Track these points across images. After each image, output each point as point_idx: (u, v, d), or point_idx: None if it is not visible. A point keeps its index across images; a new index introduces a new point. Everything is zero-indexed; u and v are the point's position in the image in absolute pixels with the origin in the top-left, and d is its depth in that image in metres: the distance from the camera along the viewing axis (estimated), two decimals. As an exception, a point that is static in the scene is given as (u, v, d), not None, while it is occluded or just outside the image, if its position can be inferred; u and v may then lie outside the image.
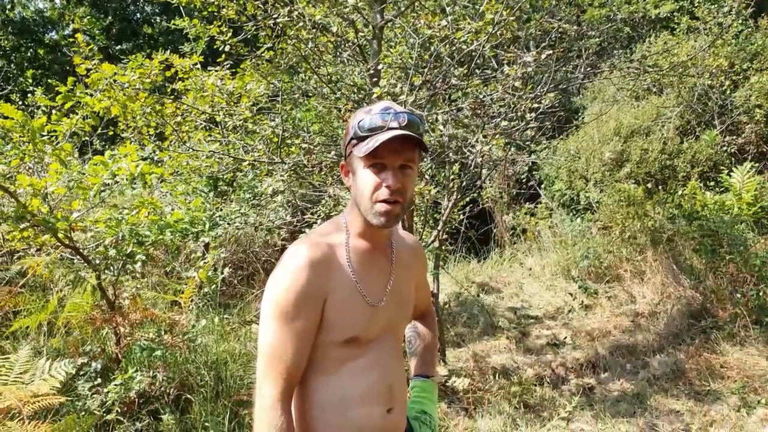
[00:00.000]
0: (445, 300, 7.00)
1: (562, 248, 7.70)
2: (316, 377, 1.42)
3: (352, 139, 1.43)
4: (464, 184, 4.49)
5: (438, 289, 4.86)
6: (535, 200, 9.56)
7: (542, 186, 9.56)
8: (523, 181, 9.66)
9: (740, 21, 8.34)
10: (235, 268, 6.28)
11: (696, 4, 9.07)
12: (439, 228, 4.73)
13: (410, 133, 1.36)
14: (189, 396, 3.33)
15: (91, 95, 3.32)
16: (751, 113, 8.44)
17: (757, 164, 8.03)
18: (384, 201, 1.38)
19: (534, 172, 9.64)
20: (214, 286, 4.48)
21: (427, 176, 6.16)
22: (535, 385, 4.67)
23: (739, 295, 5.31)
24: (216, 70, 3.91)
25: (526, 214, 9.19)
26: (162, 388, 3.23)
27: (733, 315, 5.17)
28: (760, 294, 5.23)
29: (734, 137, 8.53)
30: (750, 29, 9.00)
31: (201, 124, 4.34)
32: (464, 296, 7.13)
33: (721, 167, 8.02)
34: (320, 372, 1.42)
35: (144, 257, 3.18)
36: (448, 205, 4.75)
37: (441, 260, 8.67)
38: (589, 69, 5.02)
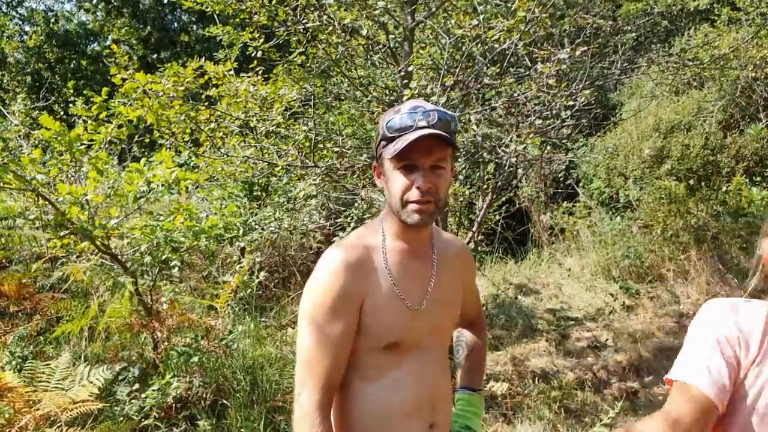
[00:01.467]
0: (482, 302, 6.90)
1: (602, 248, 7.51)
2: (357, 384, 1.40)
3: (381, 140, 1.40)
4: (499, 184, 4.41)
5: (474, 292, 4.78)
6: (573, 199, 9.36)
7: (580, 184, 9.37)
8: (561, 179, 9.48)
9: (786, 9, 8.02)
10: (271, 271, 6.32)
11: (739, -6, 8.75)
12: (474, 229, 4.67)
13: (438, 132, 1.32)
14: (225, 401, 3.35)
15: (125, 104, 3.38)
16: (800, 105, 8.10)
17: (807, 158, 7.70)
18: (415, 202, 1.34)
19: (571, 171, 9.45)
20: (250, 290, 4.51)
21: (461, 177, 6.11)
22: (576, 390, 4.55)
23: (790, 296, 5.07)
24: (249, 76, 3.93)
25: (564, 213, 9.00)
26: (198, 394, 3.26)
27: (783, 316, 4.95)
28: (813, 294, 4.99)
29: (782, 130, 8.18)
30: (797, 17, 8.63)
31: (235, 129, 4.39)
32: (501, 298, 7.02)
33: (768, 162, 7.72)
34: (362, 378, 1.40)
35: (179, 263, 3.22)
36: (483, 206, 4.68)
37: (477, 261, 8.61)
38: (626, 65, 4.88)
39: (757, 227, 6.09)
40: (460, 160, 4.80)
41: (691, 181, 7.66)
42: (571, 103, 3.43)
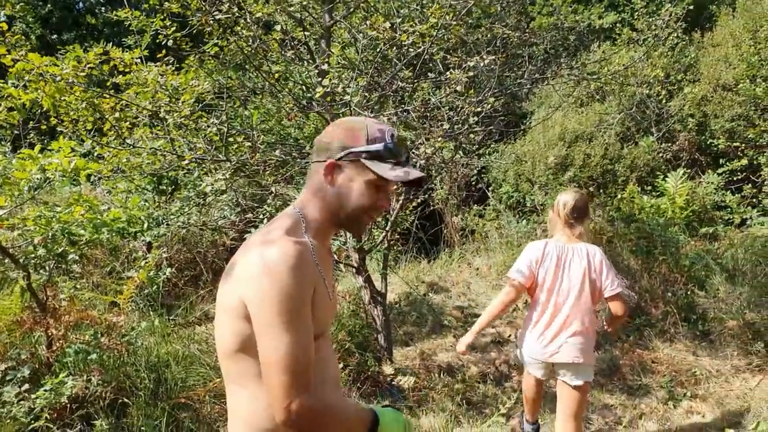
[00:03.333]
0: (395, 299, 7.05)
1: (508, 249, 7.88)
2: None
3: (374, 150, 1.41)
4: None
5: (386, 289, 4.89)
6: (483, 202, 9.74)
7: (490, 189, 9.76)
8: (473, 183, 9.84)
9: (676, 35, 8.76)
10: (181, 268, 6.13)
11: (636, 17, 9.45)
12: (387, 229, 4.76)
13: (421, 176, 1.44)
14: (126, 400, 3.24)
15: (17, 87, 3.17)
16: (685, 122, 8.87)
17: (689, 170, 8.44)
18: (372, 218, 1.46)
19: (483, 175, 9.83)
20: (156, 286, 4.37)
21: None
22: (479, 383, 4.76)
23: (670, 294, 5.56)
24: (157, 65, 3.81)
25: (474, 215, 9.36)
26: (97, 393, 3.13)
27: (664, 313, 5.42)
28: (689, 293, 5.50)
29: (669, 144, 8.93)
30: (684, 42, 9.46)
31: (143, 120, 4.23)
32: (414, 296, 7.20)
33: (658, 172, 8.39)
34: None
35: (77, 257, 3.07)
36: (397, 207, 4.79)
37: (392, 260, 8.77)
38: (536, 75, 5.16)
39: (645, 232, 6.62)
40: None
41: (591, 189, 8.19)
42: (478, 109, 3.60)
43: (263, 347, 1.26)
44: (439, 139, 3.28)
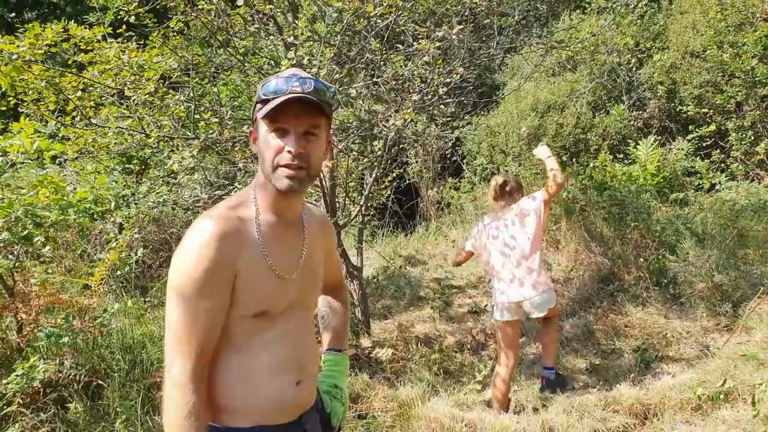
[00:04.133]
0: (373, 274, 7.08)
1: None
2: (225, 352, 1.39)
3: (257, 103, 1.42)
4: (384, 159, 4.53)
5: (362, 263, 4.90)
6: (459, 175, 9.78)
7: (465, 161, 9.78)
8: (448, 156, 9.85)
9: (645, 2, 8.77)
10: (156, 249, 6.06)
11: (605, -16, 9.45)
12: (361, 203, 4.75)
13: (309, 96, 1.36)
14: (101, 382, 3.22)
15: (-32, 65, 3.06)
16: (654, 89, 8.95)
17: (660, 137, 8.55)
18: (286, 166, 1.37)
19: (457, 148, 9.84)
20: (128, 268, 4.32)
21: (354, 152, 6.17)
22: (456, 352, 4.84)
23: (642, 260, 5.67)
24: (119, 42, 3.70)
25: (450, 188, 9.39)
26: (70, 376, 3.10)
27: (636, 278, 5.53)
28: (660, 258, 5.62)
29: (640, 112, 9.02)
30: (653, 10, 9.49)
31: (108, 98, 4.13)
32: (391, 270, 7.24)
33: (629, 140, 8.48)
34: (230, 346, 1.40)
35: (44, 239, 3.01)
36: (370, 181, 4.78)
37: (370, 235, 8.79)
38: (506, 45, 5.15)
39: (617, 200, 6.72)
40: (352, 134, 4.86)
41: (564, 158, 8.26)
42: (447, 80, 3.58)
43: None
44: (409, 111, 3.26)
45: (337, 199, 4.58)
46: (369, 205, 7.27)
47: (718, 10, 8.12)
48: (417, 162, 9.62)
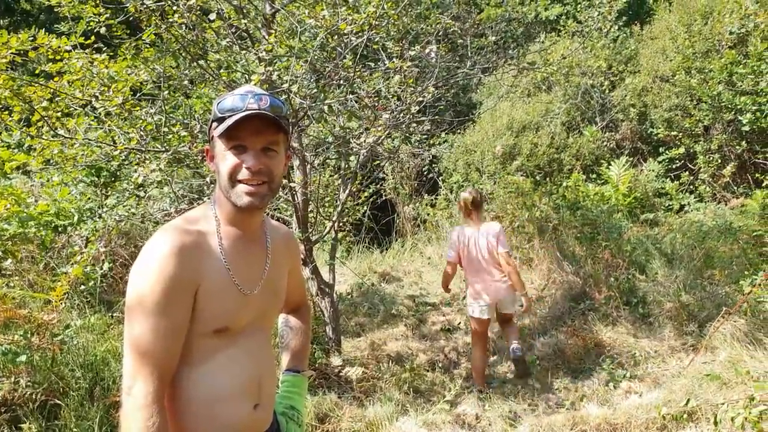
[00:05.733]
0: (347, 290, 7.03)
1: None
2: (183, 370, 1.36)
3: (213, 121, 1.41)
4: (357, 174, 4.53)
5: (334, 280, 4.86)
6: (435, 192, 9.82)
7: (441, 178, 9.84)
8: (424, 173, 9.91)
9: (617, 27, 9.00)
10: (124, 264, 5.94)
11: (578, 10, 9.67)
12: (334, 219, 4.73)
13: (265, 112, 1.35)
14: (58, 401, 3.11)
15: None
16: (627, 111, 9.15)
17: (631, 159, 8.72)
18: (245, 182, 1.36)
19: (434, 165, 9.90)
20: (93, 282, 4.22)
21: (331, 167, 6.15)
22: (428, 371, 4.81)
23: (612, 279, 5.73)
24: (87, 53, 3.65)
25: (426, 205, 9.43)
26: (26, 395, 2.99)
27: (607, 297, 5.59)
28: (630, 278, 5.69)
29: (612, 133, 9.20)
30: (625, 35, 9.74)
31: (76, 109, 4.05)
32: (365, 286, 7.20)
33: (602, 161, 8.63)
34: (187, 364, 1.36)
35: (1, 252, 2.92)
36: (344, 196, 4.76)
37: (345, 251, 8.76)
38: (483, 65, 5.21)
39: (589, 219, 6.80)
40: (327, 150, 4.84)
41: (538, 177, 8.36)
42: (420, 98, 3.60)
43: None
44: (380, 128, 3.26)
45: (310, 215, 4.54)
46: (344, 221, 7.26)
47: (686, 37, 8.36)
48: (393, 178, 9.65)
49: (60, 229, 3.15)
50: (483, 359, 4.48)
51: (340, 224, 6.02)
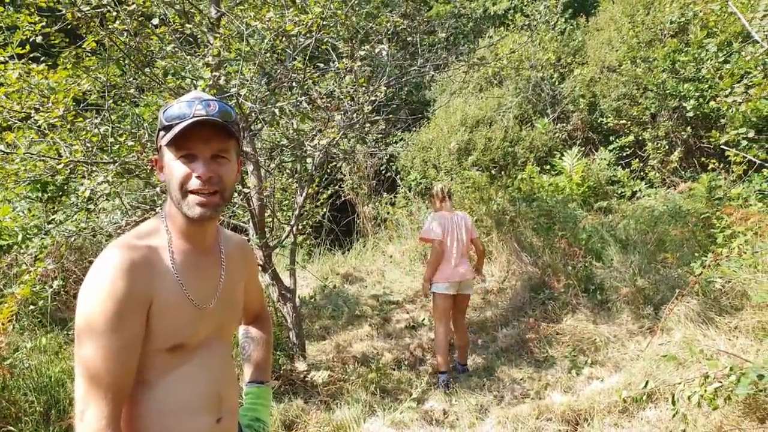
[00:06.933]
0: (310, 294, 6.98)
1: (419, 234, 8.02)
2: (138, 388, 1.31)
3: (160, 130, 1.36)
4: (315, 177, 4.49)
5: (295, 285, 4.81)
6: (394, 190, 9.85)
7: (399, 176, 9.87)
8: (382, 172, 9.91)
9: (564, 19, 9.19)
10: (78, 280, 5.75)
11: (526, 4, 9.84)
12: (292, 223, 4.68)
13: (214, 119, 1.31)
14: (11, 428, 2.99)
15: None
16: (577, 102, 9.36)
17: (583, 148, 8.93)
18: (196, 192, 1.31)
19: (391, 164, 9.92)
20: (42, 301, 4.06)
21: (287, 170, 6.08)
22: (394, 369, 4.81)
23: (570, 268, 5.86)
24: (23, 63, 3.50)
25: (386, 204, 9.44)
26: (-26, 423, 2.86)
27: (566, 286, 5.70)
28: (587, 265, 5.82)
29: (564, 124, 9.40)
30: (572, 27, 9.96)
31: (15, 123, 3.89)
32: (329, 289, 7.16)
33: (555, 152, 8.80)
34: (143, 383, 1.32)
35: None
36: (301, 199, 4.72)
37: (306, 254, 8.69)
38: (437, 62, 5.24)
39: (545, 210, 6.93)
40: (282, 153, 4.78)
41: (493, 171, 8.47)
42: (372, 98, 3.59)
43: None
44: (334, 129, 3.24)
45: (267, 220, 4.48)
46: (303, 224, 7.19)
47: (630, 27, 8.60)
48: (351, 179, 9.62)
49: (4, 248, 3.01)
50: (446, 336, 4.73)
51: (299, 228, 5.97)
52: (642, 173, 8.54)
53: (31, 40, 3.90)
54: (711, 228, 5.60)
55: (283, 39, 3.62)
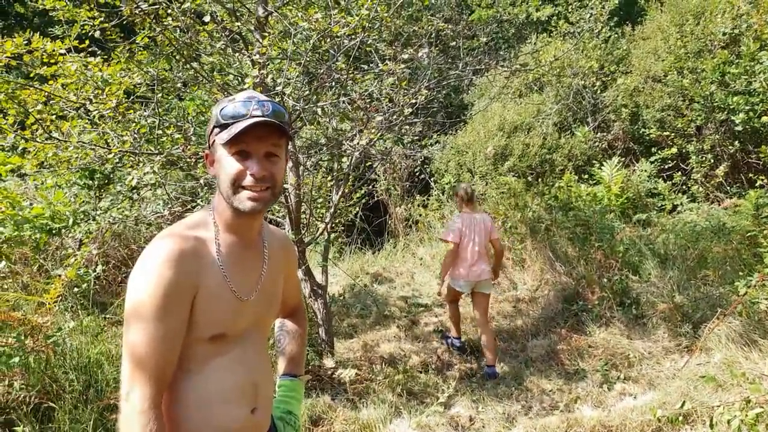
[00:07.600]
0: (339, 292, 7.04)
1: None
2: (178, 376, 1.37)
3: (214, 127, 1.41)
4: (349, 176, 4.54)
5: (326, 282, 4.86)
6: (427, 193, 9.85)
7: (433, 179, 9.86)
8: (416, 174, 9.93)
9: (608, 27, 9.04)
10: (118, 266, 5.93)
11: (570, 11, 9.71)
12: (326, 220, 4.73)
13: (273, 120, 1.36)
14: (52, 404, 3.11)
15: None
16: (618, 112, 9.19)
17: (623, 159, 8.76)
18: (250, 188, 1.36)
19: (426, 166, 9.93)
20: (86, 284, 4.21)
21: (323, 169, 6.16)
22: (421, 372, 4.82)
23: (605, 280, 5.76)
24: (81, 56, 3.64)
25: (418, 206, 9.45)
26: (20, 398, 2.99)
27: (600, 298, 5.61)
28: (623, 278, 5.71)
29: (604, 134, 9.24)
30: (617, 35, 9.78)
31: (70, 112, 4.04)
32: (358, 288, 7.21)
33: (594, 161, 8.67)
34: (185, 370, 1.37)
35: (-6, 256, 2.92)
36: (336, 198, 4.77)
37: (337, 252, 8.76)
38: (477, 67, 5.24)
39: (582, 220, 6.83)
40: (320, 152, 4.85)
41: (530, 178, 8.39)
42: (413, 101, 3.62)
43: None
44: (373, 130, 3.27)
45: (303, 216, 4.55)
46: (337, 222, 7.26)
47: (678, 37, 8.41)
48: (386, 179, 9.66)
49: (54, 231, 3.14)
50: (457, 310, 5.29)
51: (333, 225, 6.03)
52: (684, 187, 8.34)
53: (88, 34, 4.05)
54: (757, 247, 5.43)
55: (328, 39, 3.66)
